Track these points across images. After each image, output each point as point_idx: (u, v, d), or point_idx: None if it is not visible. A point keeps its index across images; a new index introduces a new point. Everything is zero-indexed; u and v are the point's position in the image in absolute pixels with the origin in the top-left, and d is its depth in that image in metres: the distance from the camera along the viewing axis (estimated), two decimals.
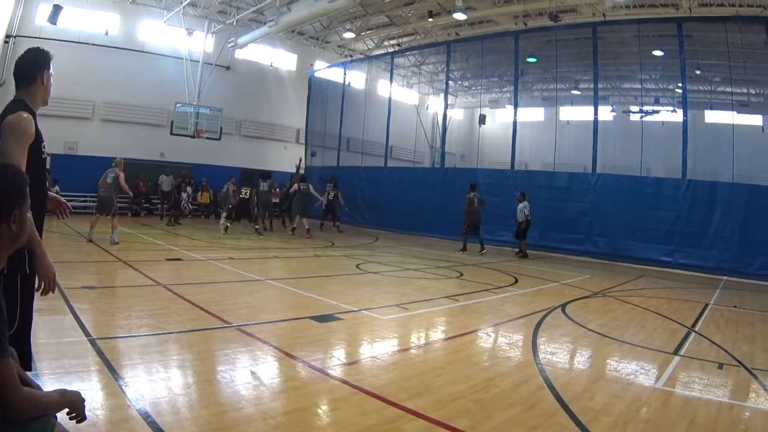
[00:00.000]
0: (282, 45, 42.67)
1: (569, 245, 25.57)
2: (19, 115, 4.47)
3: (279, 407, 5.88)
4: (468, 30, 37.38)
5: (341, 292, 13.07)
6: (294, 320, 10.01)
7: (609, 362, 8.52)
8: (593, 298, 14.51)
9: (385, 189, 35.26)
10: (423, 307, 11.89)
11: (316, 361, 7.48)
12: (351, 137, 41.54)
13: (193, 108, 35.74)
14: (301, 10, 31.69)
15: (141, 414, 5.33)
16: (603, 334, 10.07)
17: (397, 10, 36.50)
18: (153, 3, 35.91)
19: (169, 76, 36.45)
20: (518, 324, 10.75)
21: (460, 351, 8.66)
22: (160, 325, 8.96)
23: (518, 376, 7.31)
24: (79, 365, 6.64)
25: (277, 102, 43.14)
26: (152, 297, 11.32)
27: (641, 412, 6.26)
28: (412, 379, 7.00)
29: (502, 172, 30.14)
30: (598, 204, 25.06)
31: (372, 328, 9.83)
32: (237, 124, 40.92)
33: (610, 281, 17.99)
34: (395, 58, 40.04)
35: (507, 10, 32.94)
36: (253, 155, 39.96)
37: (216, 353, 7.74)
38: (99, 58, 33.46)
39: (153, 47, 36.42)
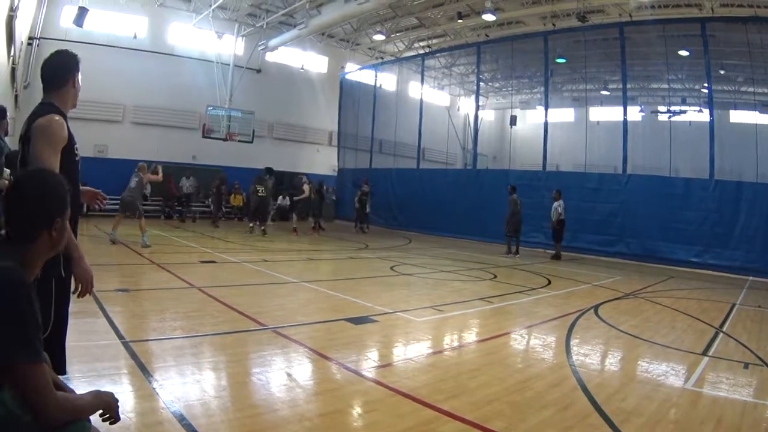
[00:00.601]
0: (312, 47, 42.70)
1: (601, 246, 25.38)
2: (51, 118, 4.47)
3: (315, 409, 5.91)
4: (497, 31, 37.42)
5: (376, 294, 13.08)
6: (329, 322, 10.04)
7: (640, 363, 8.51)
8: (625, 299, 14.46)
9: (417, 191, 35.15)
10: (457, 309, 11.90)
11: (352, 362, 7.52)
12: (383, 139, 41.42)
13: (225, 111, 35.80)
14: (330, 12, 31.71)
15: (176, 416, 5.39)
16: (634, 335, 10.06)
17: (427, 11, 36.53)
18: (182, 6, 36.16)
19: (200, 79, 36.56)
20: (552, 326, 10.74)
21: (494, 353, 8.67)
22: (194, 327, 9.02)
23: (552, 378, 7.33)
24: (112, 368, 6.71)
25: (308, 104, 43.12)
26: (186, 299, 11.43)
27: (671, 413, 6.28)
28: (448, 380, 7.02)
29: (534, 173, 29.99)
30: (629, 205, 24.87)
31: (407, 330, 9.88)
32: (269, 127, 40.96)
33: (641, 282, 17.88)
34: (426, 60, 39.95)
35: (535, 11, 32.91)
36: (286, 158, 39.98)
37: (251, 355, 7.79)
38: (128, 61, 33.66)
39: (182, 50, 36.62)
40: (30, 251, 3.02)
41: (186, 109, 36.36)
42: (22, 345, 2.63)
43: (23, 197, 3.06)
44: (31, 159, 4.33)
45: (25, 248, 2.99)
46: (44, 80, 4.82)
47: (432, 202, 33.23)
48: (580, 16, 28.00)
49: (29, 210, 3.03)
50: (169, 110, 35.81)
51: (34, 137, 4.35)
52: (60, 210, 3.14)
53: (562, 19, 32.22)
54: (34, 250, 3.04)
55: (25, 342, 2.64)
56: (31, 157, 4.33)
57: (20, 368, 2.63)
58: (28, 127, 4.48)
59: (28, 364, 2.64)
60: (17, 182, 3.22)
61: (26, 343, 2.65)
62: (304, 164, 41.46)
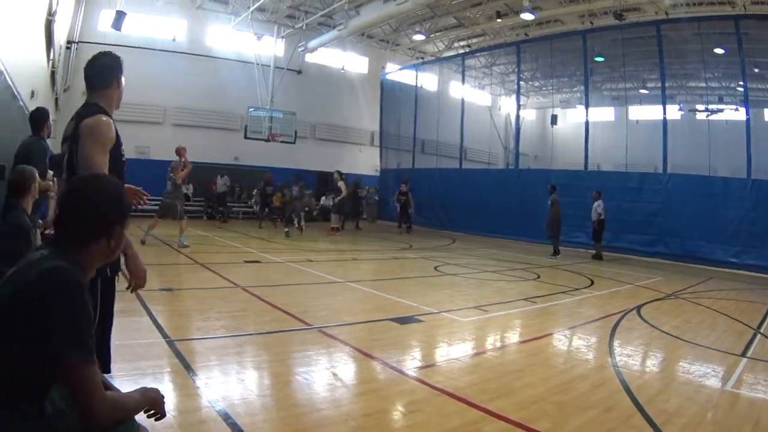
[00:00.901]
0: (353, 48, 42.81)
1: (642, 246, 25.17)
2: (98, 118, 4.52)
3: (359, 409, 5.96)
4: (536, 30, 37.25)
5: (421, 293, 13.11)
6: (374, 322, 10.10)
7: (682, 364, 8.49)
8: (666, 300, 14.37)
9: (460, 191, 35.03)
10: (501, 309, 11.91)
11: (397, 362, 7.55)
12: (425, 139, 41.38)
13: (266, 112, 35.96)
14: (369, 13, 31.81)
15: (220, 415, 5.45)
16: (676, 336, 10.03)
17: (465, 11, 36.53)
18: (220, 8, 36.49)
19: (240, 81, 36.77)
20: (595, 326, 10.73)
21: (538, 353, 8.69)
22: (239, 326, 9.15)
23: (595, 379, 7.34)
24: (156, 366, 6.83)
25: (350, 105, 43.25)
26: (231, 299, 11.53)
27: (711, 415, 6.28)
28: (493, 381, 7.04)
29: (576, 172, 29.87)
30: (669, 204, 24.62)
31: (452, 330, 9.90)
32: (311, 128, 41.14)
33: (682, 283, 17.74)
34: (466, 60, 39.84)
35: (573, 10, 32.81)
36: (328, 158, 40.03)
37: (296, 355, 7.85)
38: (167, 63, 34.15)
39: (221, 52, 36.99)
40: (86, 256, 3.04)
41: (227, 110, 36.68)
42: (75, 344, 2.66)
43: (84, 202, 3.08)
44: (80, 159, 4.39)
45: (81, 252, 3.01)
46: (89, 81, 4.89)
47: (475, 202, 33.11)
48: (616, 14, 27.87)
49: (89, 215, 3.04)
50: (209, 112, 36.17)
51: (83, 137, 4.41)
52: (120, 218, 3.16)
53: (599, 17, 32.12)
54: (89, 255, 3.06)
55: (78, 341, 2.68)
56: (80, 157, 4.39)
57: (72, 367, 2.65)
58: (74, 128, 4.53)
59: (80, 364, 2.66)
60: (77, 186, 3.26)
61: (80, 342, 2.68)
62: (346, 164, 41.37)
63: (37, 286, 2.70)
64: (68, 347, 2.64)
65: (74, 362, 2.65)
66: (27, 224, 6.59)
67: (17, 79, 11.07)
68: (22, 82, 12.43)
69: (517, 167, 35.31)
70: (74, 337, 2.67)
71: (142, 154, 32.33)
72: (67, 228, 3.05)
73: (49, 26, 16.63)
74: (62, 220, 3.09)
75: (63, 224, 3.08)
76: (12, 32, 10.34)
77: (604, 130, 40.93)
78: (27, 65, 13.60)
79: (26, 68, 13.46)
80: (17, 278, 2.82)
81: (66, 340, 2.64)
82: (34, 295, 2.67)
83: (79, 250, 3.00)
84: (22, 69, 12.58)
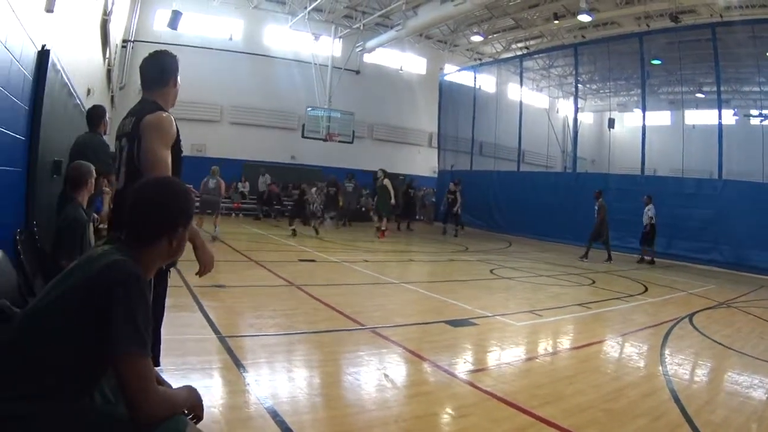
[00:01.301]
0: (411, 49, 42.82)
1: (696, 254, 24.69)
2: (160, 115, 4.65)
3: (410, 411, 5.97)
4: (593, 32, 37.05)
5: (475, 296, 13.06)
6: (428, 324, 10.12)
7: (730, 375, 8.42)
8: (718, 308, 14.18)
9: (517, 194, 34.80)
10: (555, 314, 11.90)
11: (449, 365, 7.57)
12: (483, 141, 41.06)
13: (324, 111, 36.14)
14: (427, 13, 31.85)
15: (269, 412, 5.53)
16: (726, 345, 9.92)
17: (523, 12, 36.34)
18: (277, 8, 36.84)
19: (297, 81, 37.14)
20: (647, 333, 10.63)
21: (590, 359, 8.66)
22: (291, 324, 9.24)
23: (646, 387, 7.29)
24: (206, 362, 6.94)
25: (408, 105, 43.28)
26: (284, 297, 11.67)
27: (756, 427, 6.22)
28: (544, 386, 7.03)
29: (633, 177, 29.42)
30: (723, 211, 24.07)
31: (505, 334, 9.88)
32: (369, 128, 41.40)
33: (734, 291, 17.42)
34: (524, 61, 39.43)
35: (629, 12, 32.45)
36: (385, 159, 40.02)
37: (347, 355, 7.91)
38: (223, 62, 34.64)
39: (278, 52, 37.34)
40: (148, 255, 3.13)
41: (283, 109, 37.06)
42: (132, 338, 2.72)
43: (151, 203, 3.18)
44: (143, 154, 4.51)
45: (143, 251, 3.10)
46: (146, 80, 5.04)
47: (532, 205, 32.85)
48: (672, 17, 27.64)
49: (154, 215, 3.14)
50: (266, 110, 36.62)
51: (146, 133, 4.53)
52: (184, 220, 3.25)
53: (655, 19, 31.72)
54: (151, 254, 3.15)
55: (135, 335, 2.74)
56: (143, 152, 4.51)
57: (128, 360, 2.73)
58: (134, 125, 4.65)
59: (136, 356, 2.74)
60: (146, 186, 3.35)
61: (136, 336, 2.74)
62: (404, 165, 41.63)
63: (97, 281, 2.81)
64: (125, 340, 2.71)
65: (130, 355, 2.73)
66: (83, 218, 6.76)
67: (74, 78, 11.26)
68: (79, 80, 12.65)
69: (575, 171, 34.97)
70: (131, 330, 2.74)
71: (198, 151, 32.72)
72: (132, 227, 3.17)
73: (105, 26, 16.91)
74: (128, 219, 3.20)
75: (128, 222, 3.19)
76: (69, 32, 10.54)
77: (660, 134, 40.50)
78: (83, 64, 13.85)
79: (83, 67, 13.71)
80: (79, 272, 2.93)
81: (123, 333, 2.72)
82: (93, 288, 2.79)
83: (141, 249, 3.11)
84: (79, 67, 12.81)
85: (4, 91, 5.84)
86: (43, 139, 7.73)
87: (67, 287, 2.86)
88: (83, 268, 2.94)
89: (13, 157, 6.72)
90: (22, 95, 6.78)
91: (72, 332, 2.75)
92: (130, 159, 4.70)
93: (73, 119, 10.21)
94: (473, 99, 40.64)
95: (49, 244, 7.08)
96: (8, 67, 5.99)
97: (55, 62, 8.41)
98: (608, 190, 25.31)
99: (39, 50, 7.52)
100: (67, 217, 6.64)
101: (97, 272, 2.84)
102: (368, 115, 40.55)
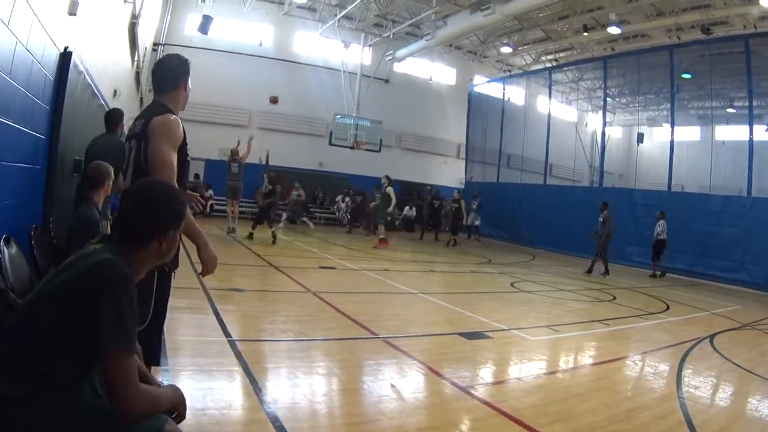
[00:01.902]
0: (440, 59, 43.02)
1: (722, 273, 24.26)
2: (168, 117, 4.60)
3: (414, 423, 5.88)
4: (623, 45, 37.03)
5: (493, 309, 13.00)
6: (442, 335, 10.08)
7: (750, 401, 8.19)
8: (742, 330, 13.93)
9: (544, 207, 34.74)
10: (573, 330, 11.75)
11: (459, 378, 7.46)
12: (511, 153, 41.05)
13: (353, 119, 36.20)
14: (456, 23, 32.01)
15: (270, 417, 5.47)
16: (748, 369, 9.65)
17: (552, 24, 36.41)
18: (307, 15, 37.08)
19: (326, 88, 37.40)
20: (666, 353, 10.44)
21: (605, 378, 8.50)
22: (304, 331, 9.23)
23: (659, 410, 7.13)
24: (215, 364, 6.92)
25: (436, 116, 43.37)
26: (300, 303, 11.64)
27: None
28: (554, 404, 6.92)
29: (659, 193, 29.25)
30: (752, 230, 23.66)
31: (520, 349, 9.76)
32: (397, 137, 41.53)
33: (761, 313, 17.10)
34: (553, 74, 39.49)
35: (660, 24, 32.18)
36: (413, 168, 40.23)
37: (357, 364, 7.89)
38: (252, 68, 35.07)
39: (307, 58, 37.61)
40: (138, 255, 3.17)
41: (312, 116, 37.34)
42: (116, 333, 2.79)
43: (142, 203, 3.22)
44: (149, 156, 4.47)
45: (133, 251, 3.14)
46: (157, 82, 4.99)
47: (557, 219, 32.78)
48: (704, 29, 27.44)
49: (145, 217, 3.18)
50: (294, 117, 36.92)
51: (154, 135, 4.49)
52: (175, 223, 3.30)
53: (686, 32, 31.35)
54: (142, 255, 3.19)
55: (119, 331, 2.80)
56: (150, 153, 4.47)
57: (112, 355, 2.79)
58: (143, 126, 4.61)
59: (120, 352, 2.80)
60: (140, 187, 3.40)
61: (121, 332, 2.81)
62: (432, 175, 41.81)
63: (86, 278, 2.86)
64: (110, 337, 2.78)
65: (113, 350, 2.78)
66: (96, 218, 6.81)
67: (99, 79, 11.34)
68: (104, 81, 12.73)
69: (602, 185, 34.64)
70: (117, 327, 2.80)
71: (225, 155, 32.79)
72: (124, 226, 3.20)
73: (133, 29, 17.06)
74: (121, 218, 3.24)
75: (121, 222, 3.23)
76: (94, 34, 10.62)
77: (689, 150, 40.10)
78: (110, 66, 13.98)
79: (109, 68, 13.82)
80: (72, 268, 2.98)
81: (108, 328, 2.78)
82: (83, 285, 2.84)
83: (132, 249, 3.14)
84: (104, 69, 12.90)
85: (25, 92, 6.02)
86: (63, 139, 7.90)
87: (61, 281, 2.93)
88: (76, 264, 2.99)
89: (33, 156, 6.94)
90: (43, 95, 6.97)
91: (62, 325, 2.82)
92: (138, 160, 4.66)
93: (96, 120, 10.30)
94: (502, 111, 40.68)
95: (64, 241, 7.15)
96: (29, 68, 6.17)
97: (78, 64, 8.50)
98: (634, 205, 25.14)
99: (61, 52, 7.64)
100: (80, 216, 6.74)
101: (87, 270, 2.90)
102: (396, 125, 40.69)
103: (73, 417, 2.83)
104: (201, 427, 4.32)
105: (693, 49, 31.70)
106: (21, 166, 6.26)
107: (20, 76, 5.74)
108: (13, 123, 5.76)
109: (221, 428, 5.13)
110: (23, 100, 5.95)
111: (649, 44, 35.26)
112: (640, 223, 24.55)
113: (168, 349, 6.63)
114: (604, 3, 30.87)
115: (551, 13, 33.78)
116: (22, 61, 5.72)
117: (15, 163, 6.09)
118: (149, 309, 4.39)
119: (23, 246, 5.90)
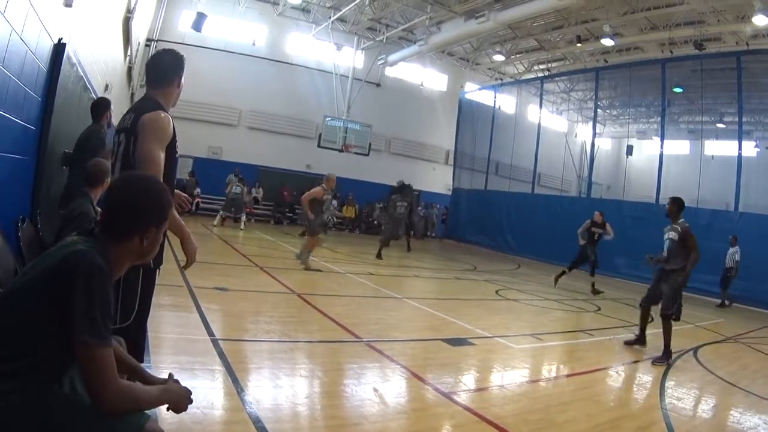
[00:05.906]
0: (432, 65, 42.84)
1: (708, 286, 24.02)
2: (159, 114, 4.58)
3: (396, 427, 5.90)
4: (616, 57, 37.02)
5: (477, 316, 12.96)
6: (426, 341, 10.13)
7: (732, 413, 8.22)
8: (725, 343, 14.08)
9: (530, 216, 34.73)
10: (557, 339, 11.84)
11: (442, 384, 7.47)
12: (500, 161, 41.05)
13: (342, 122, 36.15)
14: (450, 30, 31.88)
15: (251, 418, 5.49)
16: (731, 382, 9.69)
17: (546, 34, 36.49)
18: (301, 16, 36.95)
19: (317, 90, 37.32)
20: (649, 365, 10.45)
21: (587, 387, 8.51)
22: (287, 332, 9.27)
23: (642, 420, 7.16)
24: (197, 363, 6.93)
25: (426, 121, 43.29)
26: (284, 304, 11.74)
27: None
28: (537, 412, 6.91)
29: (647, 205, 29.26)
30: (739, 244, 23.36)
31: (503, 356, 9.80)
32: (386, 141, 41.42)
33: (744, 327, 17.33)
34: (544, 84, 39.61)
35: (653, 37, 32.23)
36: (401, 173, 39.86)
37: (339, 366, 7.90)
38: (244, 67, 34.88)
39: (300, 59, 37.51)
40: (118, 251, 3.12)
41: (301, 117, 37.21)
42: (90, 326, 2.74)
43: (125, 197, 3.19)
44: (138, 152, 4.45)
45: (113, 247, 3.09)
46: (151, 77, 4.96)
47: (544, 228, 32.73)
48: (697, 44, 27.60)
49: (127, 213, 3.13)
50: (284, 117, 36.70)
51: (143, 131, 4.47)
52: (157, 220, 3.24)
53: (679, 46, 31.53)
54: (122, 251, 3.14)
55: (93, 324, 2.75)
56: (139, 150, 4.45)
57: (85, 348, 2.75)
58: (133, 121, 4.59)
59: (93, 346, 2.75)
60: (123, 182, 3.39)
61: (95, 325, 2.76)
62: (419, 181, 41.57)
63: (59, 268, 2.83)
64: (83, 329, 2.74)
65: (88, 344, 2.75)
66: (92, 213, 6.76)
67: (91, 72, 11.31)
68: (97, 75, 12.70)
69: (589, 196, 34.92)
70: (88, 320, 2.76)
71: (214, 154, 32.97)
72: (105, 221, 3.17)
73: (128, 23, 17.03)
74: (102, 214, 3.25)
75: (102, 217, 3.22)
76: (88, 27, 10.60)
77: (678, 163, 40.31)
78: (102, 59, 13.95)
79: (101, 62, 13.79)
80: (45, 260, 2.96)
81: (81, 321, 2.74)
82: (56, 276, 2.81)
83: (111, 244, 3.10)
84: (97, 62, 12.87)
85: (17, 81, 6.01)
86: (54, 130, 7.90)
87: (36, 273, 2.91)
88: (52, 255, 2.97)
89: (22, 146, 6.90)
90: (35, 86, 6.96)
91: (39, 317, 2.79)
92: (126, 155, 4.64)
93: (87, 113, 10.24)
94: (492, 118, 40.70)
95: (51, 234, 7.19)
96: (23, 58, 6.17)
97: (71, 56, 8.51)
98: (623, 217, 25.14)
99: (55, 43, 7.65)
100: (75, 209, 6.76)
101: (60, 260, 2.87)
102: (386, 129, 40.60)
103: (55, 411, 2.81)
104: (183, 426, 4.31)
105: (685, 64, 31.78)
106: (10, 156, 6.24)
107: (13, 65, 5.74)
108: (4, 113, 5.74)
109: (203, 427, 5.13)
110: (15, 89, 5.97)
111: (642, 57, 35.39)
112: (627, 235, 24.49)
113: (150, 346, 6.59)
114: (598, 15, 30.90)
115: (545, 23, 33.87)
116: (16, 51, 5.73)
117: (4, 153, 6.06)
118: (134, 306, 4.38)
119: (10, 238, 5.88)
